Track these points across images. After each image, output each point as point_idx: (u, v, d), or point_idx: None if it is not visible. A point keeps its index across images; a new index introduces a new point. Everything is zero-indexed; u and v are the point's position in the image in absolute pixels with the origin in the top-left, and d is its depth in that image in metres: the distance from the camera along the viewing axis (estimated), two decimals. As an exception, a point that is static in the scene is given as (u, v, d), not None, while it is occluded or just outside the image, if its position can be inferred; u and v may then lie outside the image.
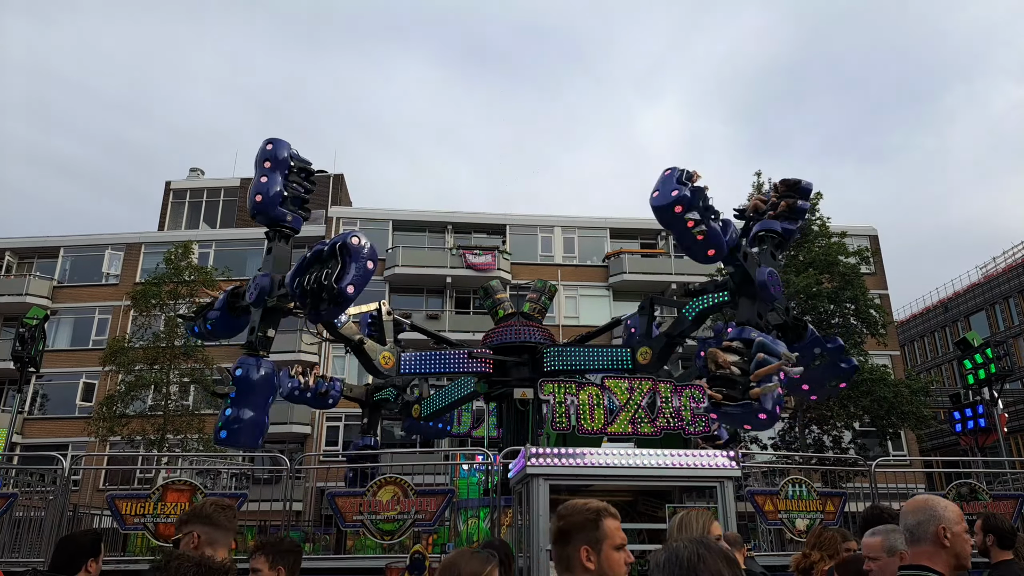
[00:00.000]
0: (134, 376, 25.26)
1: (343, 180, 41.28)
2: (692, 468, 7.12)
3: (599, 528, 2.52)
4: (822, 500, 9.93)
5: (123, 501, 9.08)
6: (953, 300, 47.87)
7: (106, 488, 21.66)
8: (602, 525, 2.53)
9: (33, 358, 16.44)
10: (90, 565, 3.65)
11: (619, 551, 2.51)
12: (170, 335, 25.55)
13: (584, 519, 2.55)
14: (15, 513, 9.89)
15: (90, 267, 36.47)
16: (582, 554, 2.48)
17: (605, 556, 2.48)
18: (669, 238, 38.21)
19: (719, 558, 1.97)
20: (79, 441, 29.58)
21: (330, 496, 9.13)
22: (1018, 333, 42.19)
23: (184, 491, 9.16)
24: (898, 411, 24.76)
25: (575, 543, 2.51)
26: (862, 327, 26.26)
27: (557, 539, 2.59)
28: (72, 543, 3.76)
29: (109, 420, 24.57)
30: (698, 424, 8.79)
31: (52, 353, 29.94)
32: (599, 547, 2.49)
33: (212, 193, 39.96)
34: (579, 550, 2.49)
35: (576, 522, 2.55)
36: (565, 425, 8.51)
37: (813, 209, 27.16)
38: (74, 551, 3.67)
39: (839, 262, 26.10)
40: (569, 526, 2.55)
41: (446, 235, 37.31)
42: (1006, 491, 11.30)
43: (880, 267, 36.36)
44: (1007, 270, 43.99)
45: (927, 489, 20.51)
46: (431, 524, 8.87)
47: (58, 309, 34.61)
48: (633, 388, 8.77)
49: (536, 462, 6.92)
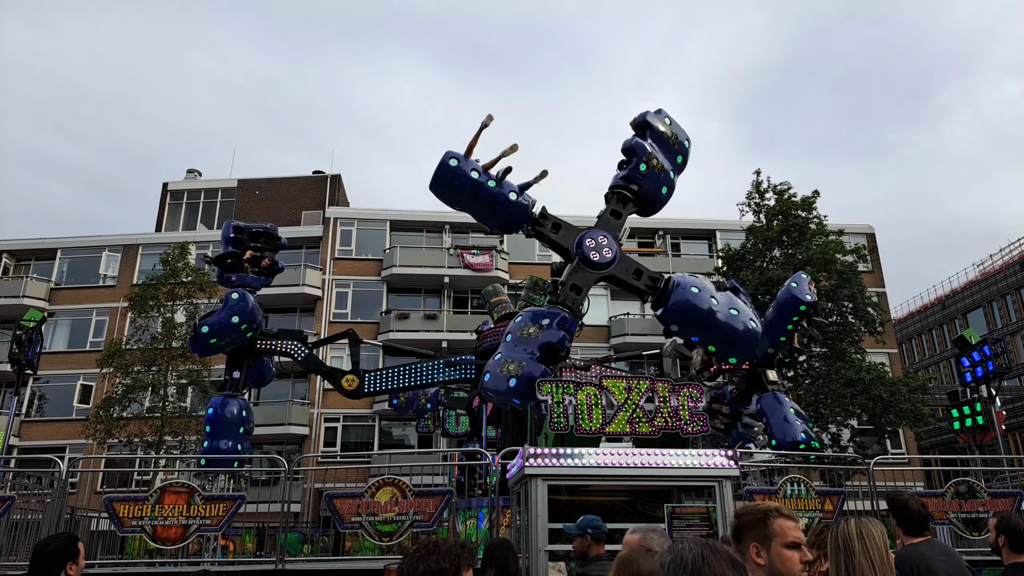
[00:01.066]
0: (132, 378, 25.24)
1: (340, 180, 41.28)
2: (690, 468, 7.11)
3: (767, 527, 2.64)
4: (821, 499, 9.91)
5: (121, 504, 9.04)
6: (950, 297, 47.95)
7: (104, 491, 21.62)
8: (771, 524, 2.65)
9: (30, 360, 16.38)
10: (70, 569, 3.56)
11: (791, 549, 2.61)
12: (168, 337, 25.53)
13: (753, 518, 2.69)
14: (12, 516, 9.85)
15: (87, 269, 36.44)
16: (752, 551, 2.63)
17: (775, 553, 2.59)
18: (667, 237, 38.27)
19: (724, 560, 1.97)
20: (76, 443, 29.57)
21: (328, 497, 9.10)
22: (1016, 330, 42.26)
23: (182, 493, 9.12)
24: (896, 409, 24.78)
25: (745, 541, 2.67)
26: (860, 325, 26.29)
27: (732, 537, 2.78)
28: (47, 548, 3.65)
29: (106, 422, 24.54)
30: (696, 424, 8.77)
31: (49, 355, 29.90)
32: (768, 544, 2.61)
33: (209, 194, 39.96)
34: (749, 547, 2.64)
35: (746, 521, 2.71)
36: (563, 425, 8.48)
37: (810, 208, 27.21)
38: (51, 557, 3.57)
39: (836, 260, 26.13)
40: (741, 525, 2.73)
41: (444, 235, 37.31)
42: (1005, 489, 11.29)
43: (877, 265, 36.41)
44: (1004, 267, 44.07)
45: (926, 487, 20.53)
46: (430, 525, 8.85)
47: (55, 311, 34.57)
48: (631, 388, 8.75)
49: (534, 462, 6.90)
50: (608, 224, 10.45)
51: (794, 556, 2.59)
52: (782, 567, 2.57)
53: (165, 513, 8.93)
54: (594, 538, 5.33)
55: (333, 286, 35.24)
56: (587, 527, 5.33)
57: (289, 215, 38.15)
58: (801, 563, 2.60)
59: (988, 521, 9.72)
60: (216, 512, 9.04)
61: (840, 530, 2.95)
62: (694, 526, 6.89)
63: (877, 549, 2.86)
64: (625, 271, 10.27)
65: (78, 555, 3.62)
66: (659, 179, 10.33)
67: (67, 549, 3.62)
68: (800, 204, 27.24)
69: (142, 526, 8.87)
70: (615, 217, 10.49)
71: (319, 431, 32.89)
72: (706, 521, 6.96)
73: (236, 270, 12.89)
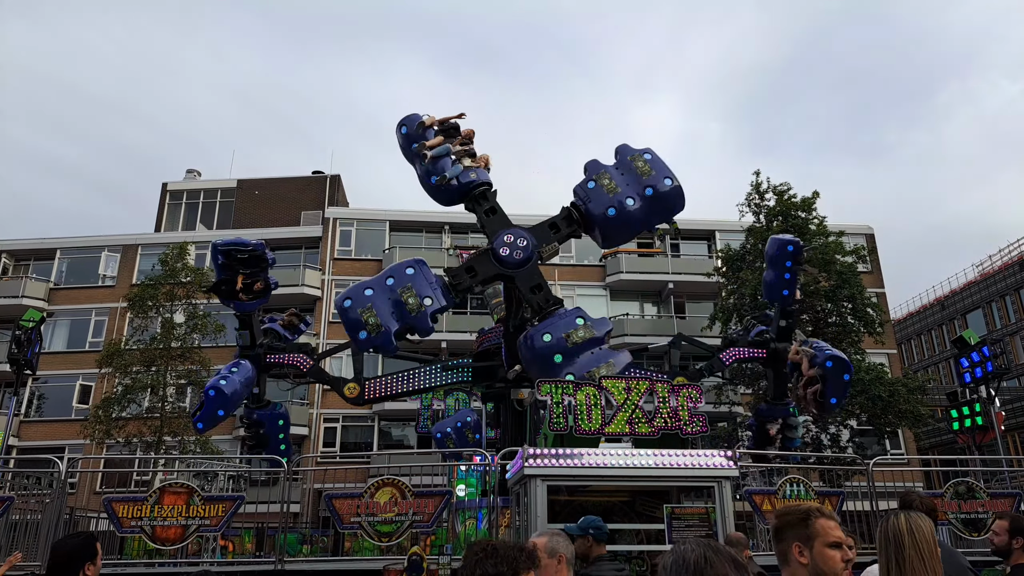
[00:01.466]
0: (131, 378, 25.23)
1: (340, 181, 41.27)
2: (690, 468, 7.11)
3: (809, 526, 2.69)
4: (820, 499, 9.92)
5: (120, 504, 9.04)
6: (950, 298, 47.97)
7: (103, 491, 21.62)
8: (812, 523, 2.69)
9: (29, 360, 16.38)
10: (87, 569, 3.55)
11: (833, 548, 2.66)
12: (167, 337, 25.52)
13: (795, 518, 2.74)
14: (11, 516, 9.86)
15: (86, 269, 36.41)
16: (794, 550, 2.67)
17: (817, 552, 2.64)
18: (666, 238, 38.26)
19: (727, 561, 1.98)
20: (76, 444, 29.54)
21: (328, 498, 9.11)
22: (1015, 331, 42.29)
23: (181, 493, 9.12)
24: (895, 409, 24.80)
25: (788, 540, 2.71)
26: (859, 325, 26.31)
27: (774, 536, 2.83)
28: (65, 548, 3.66)
29: (106, 423, 24.53)
30: (696, 424, 8.78)
31: (48, 355, 29.87)
32: (811, 544, 2.66)
33: (209, 194, 39.93)
34: (792, 546, 2.69)
35: (788, 521, 2.75)
36: (563, 426, 8.49)
37: (810, 208, 27.25)
38: (68, 556, 3.57)
39: (836, 261, 26.14)
40: (782, 524, 2.77)
41: (443, 235, 37.31)
42: (1004, 489, 11.31)
43: (877, 265, 36.42)
44: (1003, 268, 44.10)
45: (925, 487, 20.53)
46: (429, 525, 8.86)
47: (54, 311, 34.55)
48: (630, 388, 8.75)
49: (534, 463, 6.91)
50: (540, 231, 10.68)
51: (836, 555, 2.65)
52: (825, 566, 2.63)
53: (164, 513, 8.93)
54: (596, 539, 5.33)
55: (332, 286, 35.23)
56: (589, 528, 5.33)
57: (288, 215, 38.13)
58: (843, 561, 2.65)
59: (987, 521, 9.75)
60: (215, 512, 9.04)
61: (890, 524, 2.98)
62: (693, 526, 6.90)
63: (926, 543, 2.88)
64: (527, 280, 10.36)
65: (96, 555, 3.63)
66: (605, 199, 10.31)
67: (86, 549, 3.61)
68: (800, 205, 27.26)
69: (141, 526, 8.87)
70: (552, 229, 10.70)
71: (318, 431, 32.89)
72: (705, 521, 6.97)
73: (232, 297, 13.22)
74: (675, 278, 35.71)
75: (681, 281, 35.79)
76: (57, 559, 3.61)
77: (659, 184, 10.45)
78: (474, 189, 10.92)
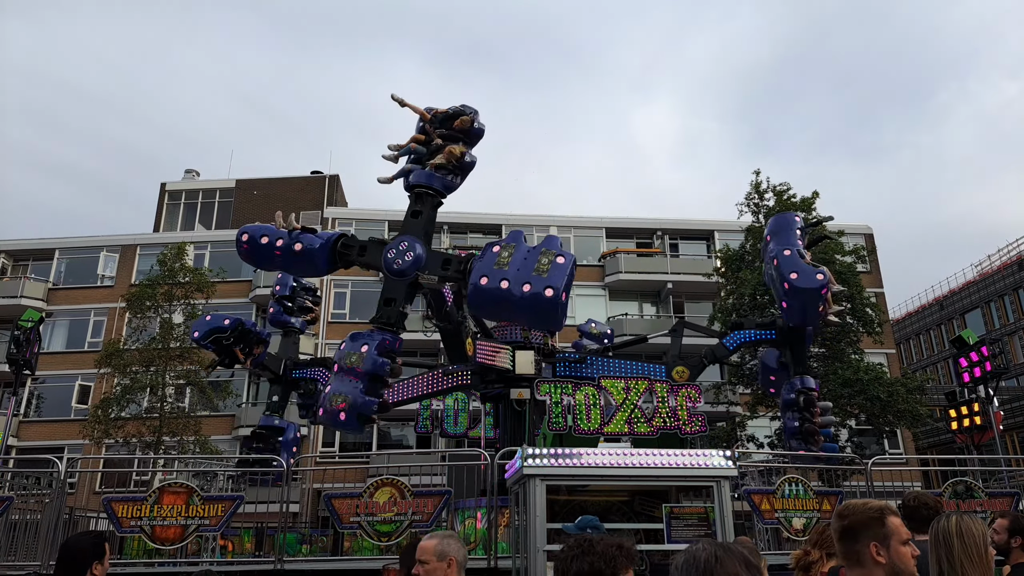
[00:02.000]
0: (130, 378, 25.21)
1: (339, 181, 41.23)
2: (689, 468, 7.12)
3: (885, 525, 2.69)
4: (819, 499, 9.93)
5: (119, 504, 9.04)
6: (948, 298, 48.01)
7: (102, 491, 21.60)
8: (887, 522, 2.70)
9: (28, 360, 16.39)
10: (95, 568, 3.59)
11: (906, 546, 2.68)
12: (165, 337, 25.50)
13: (869, 517, 2.72)
14: (11, 516, 9.86)
15: (85, 269, 36.39)
16: (872, 550, 2.65)
17: (894, 551, 2.65)
18: (665, 237, 38.29)
19: (738, 560, 1.99)
20: (75, 444, 29.53)
21: (327, 498, 9.11)
22: (1013, 330, 42.33)
23: (180, 493, 9.13)
24: (894, 409, 24.80)
25: (864, 540, 2.68)
26: (858, 325, 26.31)
27: (843, 536, 2.76)
28: (73, 548, 3.69)
29: (105, 423, 24.51)
30: (695, 424, 8.80)
31: (47, 355, 29.88)
32: (887, 543, 2.66)
33: (207, 194, 39.91)
34: (868, 546, 2.66)
35: (861, 520, 2.73)
36: (562, 425, 8.51)
37: (810, 208, 27.24)
38: (76, 556, 3.60)
39: (835, 261, 26.14)
40: (854, 524, 2.73)
41: (442, 235, 37.30)
42: (1002, 489, 11.32)
43: (875, 265, 36.44)
44: (1002, 268, 44.14)
45: (923, 487, 20.54)
46: (428, 525, 8.86)
47: (53, 311, 34.53)
48: (629, 388, 8.78)
49: (533, 462, 6.91)
50: (409, 226, 10.46)
51: (908, 552, 2.67)
52: (901, 564, 2.63)
53: (164, 513, 8.94)
54: None
55: (331, 287, 35.20)
56: (586, 527, 5.36)
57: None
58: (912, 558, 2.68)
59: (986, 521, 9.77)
60: (215, 512, 9.05)
61: (940, 526, 2.99)
62: (692, 526, 6.91)
63: (976, 546, 2.90)
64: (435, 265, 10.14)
65: (104, 555, 3.66)
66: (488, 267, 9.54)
67: (94, 548, 3.65)
68: (799, 205, 27.26)
69: (141, 526, 8.88)
70: (414, 217, 10.53)
71: (318, 431, 32.87)
72: (704, 521, 6.97)
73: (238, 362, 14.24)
74: (674, 278, 35.73)
75: (680, 281, 35.80)
76: (66, 557, 3.65)
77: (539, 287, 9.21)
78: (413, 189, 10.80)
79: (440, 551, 3.31)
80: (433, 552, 3.31)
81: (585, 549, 2.52)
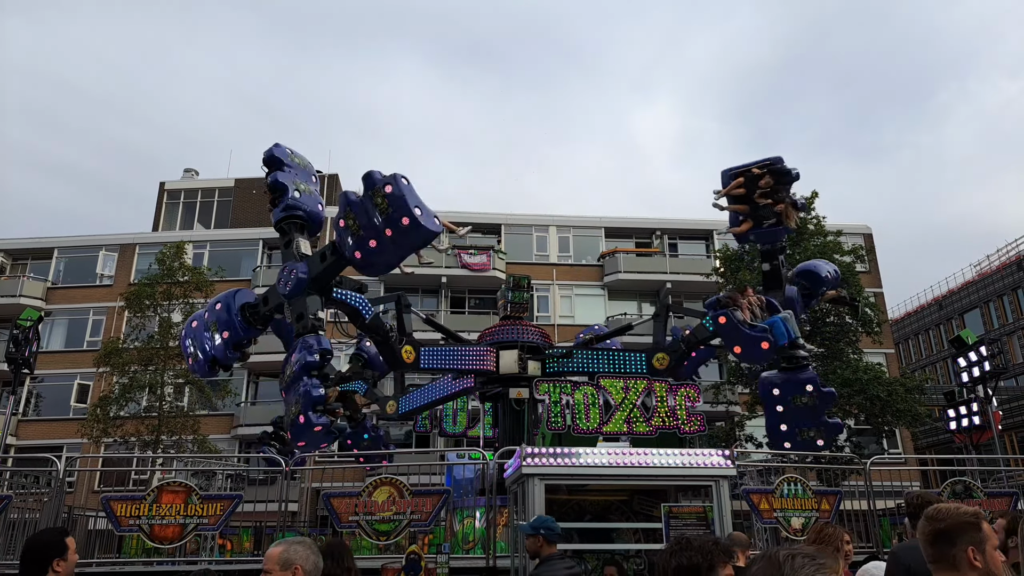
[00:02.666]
0: (128, 377, 25.21)
1: (338, 180, 41.19)
2: (688, 467, 7.12)
3: (981, 530, 2.73)
4: (817, 498, 9.94)
5: (118, 503, 9.04)
6: (947, 298, 48.03)
7: (101, 490, 21.58)
8: (983, 527, 2.74)
9: (27, 359, 16.38)
10: (56, 565, 3.43)
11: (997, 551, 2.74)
12: (164, 336, 25.50)
13: (965, 522, 2.75)
14: (10, 515, 9.85)
15: (84, 268, 36.36)
16: (969, 554, 2.68)
17: (989, 555, 2.69)
18: (664, 237, 38.29)
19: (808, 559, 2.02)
20: (73, 443, 29.50)
21: (326, 497, 9.11)
22: (1012, 330, 42.35)
23: (179, 493, 9.13)
24: (893, 409, 24.81)
25: (962, 544, 2.71)
26: (857, 325, 26.32)
27: (936, 539, 2.77)
28: (35, 545, 3.55)
29: (103, 421, 24.51)
30: (694, 423, 8.80)
31: (46, 354, 29.84)
32: (983, 547, 2.70)
33: (206, 194, 39.88)
34: (966, 550, 2.69)
35: (957, 524, 2.75)
36: (560, 425, 8.51)
37: (809, 208, 27.24)
38: (36, 553, 3.47)
39: (834, 260, 26.14)
40: (951, 528, 2.75)
41: (442, 235, 37.28)
42: (1001, 488, 11.33)
43: (875, 265, 36.46)
44: (1001, 268, 44.16)
45: (922, 487, 20.56)
46: (427, 524, 8.86)
47: (52, 310, 34.50)
48: (628, 387, 8.78)
49: (532, 462, 6.92)
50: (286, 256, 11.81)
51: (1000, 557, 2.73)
52: (996, 568, 2.68)
53: (162, 512, 8.94)
54: (547, 539, 5.40)
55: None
56: (540, 527, 5.41)
57: (287, 214, 38.08)
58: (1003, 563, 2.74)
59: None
60: (213, 511, 9.04)
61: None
62: (691, 525, 6.91)
63: None
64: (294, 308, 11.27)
65: (66, 551, 3.48)
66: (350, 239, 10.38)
67: (56, 544, 3.48)
68: (798, 205, 27.24)
69: (139, 525, 8.87)
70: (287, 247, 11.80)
71: (316, 431, 32.86)
72: (703, 521, 6.98)
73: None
74: (673, 278, 35.72)
75: (679, 281, 35.79)
76: (25, 555, 3.52)
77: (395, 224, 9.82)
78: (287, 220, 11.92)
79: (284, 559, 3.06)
80: (277, 560, 3.07)
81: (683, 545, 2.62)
